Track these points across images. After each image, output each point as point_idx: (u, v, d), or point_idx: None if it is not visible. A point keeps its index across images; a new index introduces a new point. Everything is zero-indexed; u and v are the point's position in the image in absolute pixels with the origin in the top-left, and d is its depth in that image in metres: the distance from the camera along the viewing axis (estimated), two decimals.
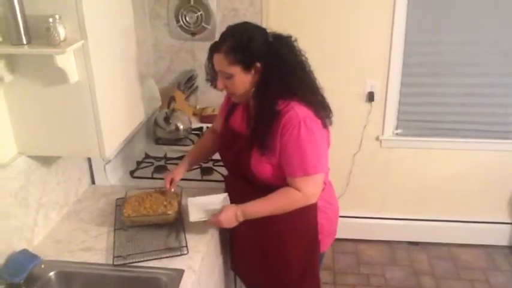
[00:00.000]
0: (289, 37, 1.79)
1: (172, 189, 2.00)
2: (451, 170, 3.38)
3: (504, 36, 3.03)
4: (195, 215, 1.84)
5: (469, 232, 3.50)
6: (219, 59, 1.73)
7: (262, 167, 1.78)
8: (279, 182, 1.79)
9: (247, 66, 1.72)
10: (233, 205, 1.81)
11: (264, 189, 1.80)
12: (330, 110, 1.85)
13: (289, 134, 1.70)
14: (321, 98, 1.84)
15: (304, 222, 1.89)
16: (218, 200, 1.90)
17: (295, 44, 1.79)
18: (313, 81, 1.83)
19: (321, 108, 1.80)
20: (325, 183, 1.93)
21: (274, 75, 1.71)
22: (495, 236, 3.51)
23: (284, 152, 1.73)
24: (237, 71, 1.72)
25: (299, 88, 1.74)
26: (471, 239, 3.52)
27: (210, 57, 1.80)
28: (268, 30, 1.78)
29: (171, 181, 2.00)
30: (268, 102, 1.73)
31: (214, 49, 1.76)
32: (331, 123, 1.84)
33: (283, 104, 1.72)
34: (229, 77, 1.74)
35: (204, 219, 1.82)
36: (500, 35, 3.03)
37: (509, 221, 3.48)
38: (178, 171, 2.04)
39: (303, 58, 1.80)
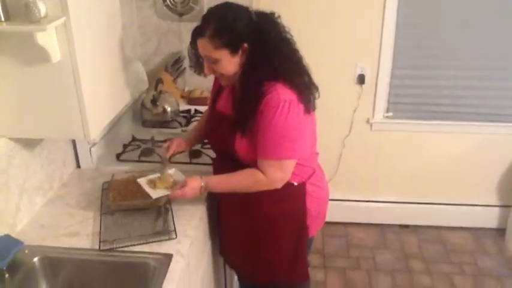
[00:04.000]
0: (272, 14, 1.73)
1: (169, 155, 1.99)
2: (441, 153, 3.38)
3: (498, 19, 3.00)
4: (156, 191, 1.80)
5: (458, 215, 3.51)
6: (203, 44, 1.66)
7: (246, 148, 1.74)
8: None
9: (234, 49, 1.65)
10: (197, 177, 1.77)
11: None
12: (317, 90, 1.79)
13: (266, 113, 1.65)
14: (308, 79, 1.77)
15: (293, 206, 1.87)
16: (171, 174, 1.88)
17: (278, 20, 1.73)
18: (300, 60, 1.77)
19: (307, 91, 1.73)
20: (313, 167, 1.90)
21: (261, 54, 1.65)
22: (484, 219, 3.52)
23: (258, 131, 1.68)
24: (223, 54, 1.65)
25: (286, 66, 1.68)
26: (460, 221, 3.53)
27: (193, 43, 1.72)
28: (250, 9, 1.71)
29: (168, 148, 1.99)
30: (254, 84, 1.67)
31: (197, 34, 1.68)
32: (314, 108, 1.77)
33: (268, 85, 1.66)
34: (216, 61, 1.67)
35: (167, 193, 1.78)
36: (495, 18, 2.99)
37: (498, 204, 3.49)
38: (180, 143, 2.02)
39: (288, 35, 1.74)
